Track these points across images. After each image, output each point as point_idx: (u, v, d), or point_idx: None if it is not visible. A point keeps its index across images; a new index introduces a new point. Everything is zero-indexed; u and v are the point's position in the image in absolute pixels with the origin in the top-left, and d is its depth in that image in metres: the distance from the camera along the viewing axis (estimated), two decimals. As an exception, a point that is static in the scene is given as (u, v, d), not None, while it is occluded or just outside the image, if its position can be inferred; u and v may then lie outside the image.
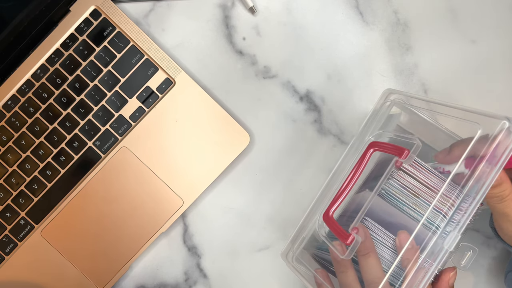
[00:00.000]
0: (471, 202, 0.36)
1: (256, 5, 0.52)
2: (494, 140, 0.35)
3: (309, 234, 0.45)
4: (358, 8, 0.52)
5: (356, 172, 0.40)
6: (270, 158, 0.52)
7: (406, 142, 0.39)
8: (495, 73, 0.51)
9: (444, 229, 0.37)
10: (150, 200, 0.51)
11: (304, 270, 0.44)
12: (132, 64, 0.51)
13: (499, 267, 0.51)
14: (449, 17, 0.52)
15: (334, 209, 0.40)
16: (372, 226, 0.39)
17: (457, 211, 0.37)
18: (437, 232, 0.36)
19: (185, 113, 0.51)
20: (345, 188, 0.40)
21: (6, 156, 0.51)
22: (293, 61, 0.52)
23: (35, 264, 0.51)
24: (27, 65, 0.51)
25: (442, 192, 0.36)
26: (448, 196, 0.37)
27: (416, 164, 0.39)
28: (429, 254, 0.36)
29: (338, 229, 0.38)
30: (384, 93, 0.45)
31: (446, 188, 0.37)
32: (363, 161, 0.40)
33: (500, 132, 0.35)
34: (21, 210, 0.51)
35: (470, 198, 0.36)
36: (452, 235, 0.36)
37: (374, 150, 0.40)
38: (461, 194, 0.36)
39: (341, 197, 0.40)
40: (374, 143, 0.41)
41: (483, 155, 0.35)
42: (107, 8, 0.51)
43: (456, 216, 0.37)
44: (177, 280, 0.52)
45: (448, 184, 0.36)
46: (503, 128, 0.35)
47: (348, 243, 0.36)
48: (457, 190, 0.37)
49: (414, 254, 0.36)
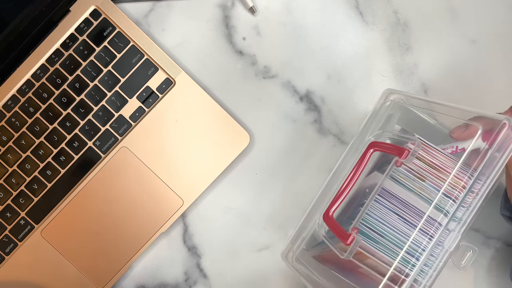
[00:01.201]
0: (486, 178, 0.35)
1: (256, 5, 0.52)
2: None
3: (309, 234, 0.45)
4: (358, 8, 0.52)
5: (356, 172, 0.40)
6: (270, 158, 0.52)
7: (405, 142, 0.39)
8: (495, 73, 0.51)
9: (455, 215, 0.36)
10: (150, 200, 0.51)
11: (304, 270, 0.43)
12: (132, 64, 0.51)
13: (499, 267, 0.51)
14: (449, 17, 0.52)
15: (334, 209, 0.40)
16: (382, 205, 0.39)
17: (469, 193, 0.36)
18: (447, 217, 0.36)
19: (185, 113, 0.51)
20: (345, 188, 0.40)
21: (6, 156, 0.51)
22: (293, 61, 0.52)
23: (35, 264, 0.51)
24: (27, 65, 0.51)
25: (455, 172, 0.36)
26: (460, 178, 0.36)
27: (427, 147, 0.39)
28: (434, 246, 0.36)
29: (338, 229, 0.38)
30: (384, 93, 0.45)
31: (459, 168, 0.36)
32: (363, 161, 0.40)
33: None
34: (21, 210, 0.51)
35: (485, 176, 0.35)
36: (453, 235, 0.36)
37: (374, 150, 0.40)
38: (474, 173, 0.36)
39: (341, 197, 0.40)
40: (374, 143, 0.41)
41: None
42: (107, 8, 0.51)
43: (468, 199, 0.36)
44: (177, 280, 0.52)
45: (461, 164, 0.36)
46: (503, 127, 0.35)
47: (348, 244, 0.36)
48: (470, 171, 0.36)
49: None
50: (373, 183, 0.41)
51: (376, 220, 0.39)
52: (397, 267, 0.37)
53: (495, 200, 0.51)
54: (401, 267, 0.37)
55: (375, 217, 0.39)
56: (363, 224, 0.39)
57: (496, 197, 0.51)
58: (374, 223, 0.39)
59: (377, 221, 0.39)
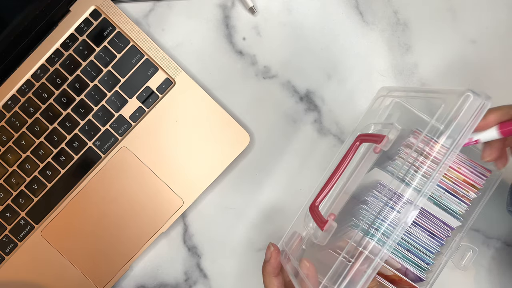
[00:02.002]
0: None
1: (256, 5, 0.52)
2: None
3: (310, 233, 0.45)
4: (358, 8, 0.52)
5: (342, 163, 0.40)
6: (270, 158, 0.52)
7: (387, 130, 0.39)
8: (495, 73, 0.51)
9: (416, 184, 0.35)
10: (150, 200, 0.51)
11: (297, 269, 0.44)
12: (132, 64, 0.51)
13: (499, 267, 0.51)
14: (449, 17, 0.52)
15: (320, 199, 0.40)
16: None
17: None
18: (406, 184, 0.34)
19: (185, 113, 0.51)
20: (331, 179, 0.41)
21: (6, 156, 0.51)
22: (293, 61, 0.52)
23: (35, 264, 0.51)
24: (27, 65, 0.51)
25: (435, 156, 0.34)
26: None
27: (427, 139, 0.39)
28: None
29: (318, 217, 0.39)
30: (379, 91, 0.45)
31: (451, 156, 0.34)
32: (349, 152, 0.41)
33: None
34: (21, 210, 0.51)
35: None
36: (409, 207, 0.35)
37: (361, 141, 0.41)
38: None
39: (327, 188, 0.40)
40: (361, 135, 0.41)
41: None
42: (107, 8, 0.51)
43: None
44: (177, 280, 0.52)
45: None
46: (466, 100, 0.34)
47: (324, 230, 0.37)
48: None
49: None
50: (374, 179, 0.41)
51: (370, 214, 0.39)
52: (357, 238, 0.36)
53: (495, 200, 0.51)
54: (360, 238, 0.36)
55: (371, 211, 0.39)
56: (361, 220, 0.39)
57: (496, 197, 0.51)
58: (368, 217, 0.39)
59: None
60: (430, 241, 0.40)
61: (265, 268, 0.42)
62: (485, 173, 0.41)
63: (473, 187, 0.41)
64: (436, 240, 0.40)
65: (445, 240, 0.41)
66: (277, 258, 0.42)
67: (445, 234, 0.41)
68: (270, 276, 0.42)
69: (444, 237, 0.41)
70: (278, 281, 0.42)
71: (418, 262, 0.40)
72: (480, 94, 0.33)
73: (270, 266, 0.42)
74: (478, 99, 0.33)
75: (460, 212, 0.41)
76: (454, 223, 0.41)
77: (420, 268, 0.40)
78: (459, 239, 0.41)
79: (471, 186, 0.41)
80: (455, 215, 0.41)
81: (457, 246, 0.42)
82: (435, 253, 0.40)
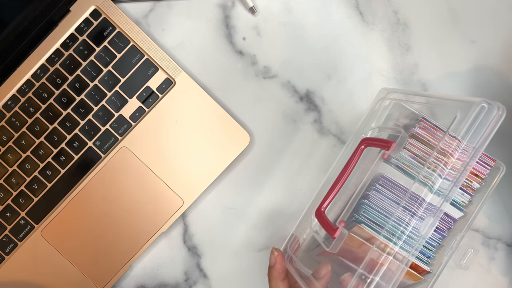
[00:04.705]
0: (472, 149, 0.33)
1: (256, 5, 0.52)
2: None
3: (310, 235, 0.45)
4: (358, 8, 0.52)
5: (347, 168, 0.40)
6: (270, 158, 0.52)
7: (395, 135, 0.39)
8: (494, 73, 0.51)
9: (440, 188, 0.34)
10: (150, 200, 0.51)
11: (303, 271, 0.43)
12: (132, 64, 0.51)
13: (499, 267, 0.51)
14: (449, 17, 0.52)
15: (326, 205, 0.40)
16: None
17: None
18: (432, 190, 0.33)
19: (185, 113, 0.51)
20: (336, 184, 0.40)
21: (6, 156, 0.51)
22: (293, 61, 0.52)
23: (35, 264, 0.51)
24: (27, 65, 0.51)
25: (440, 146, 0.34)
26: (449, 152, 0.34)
27: (430, 126, 0.39)
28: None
29: (326, 224, 0.38)
30: (380, 92, 0.45)
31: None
32: (354, 156, 0.40)
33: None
34: (21, 210, 0.51)
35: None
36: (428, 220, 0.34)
37: (366, 145, 0.41)
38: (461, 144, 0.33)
39: (333, 192, 0.40)
40: (366, 139, 0.41)
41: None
42: (107, 8, 0.51)
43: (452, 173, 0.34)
44: (177, 280, 0.52)
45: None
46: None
47: (334, 237, 0.37)
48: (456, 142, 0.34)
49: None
50: (376, 172, 0.41)
51: (372, 208, 0.39)
52: (382, 244, 0.35)
53: (495, 200, 0.51)
54: (385, 242, 0.35)
55: (374, 206, 0.39)
56: (363, 215, 0.39)
57: (496, 197, 0.51)
58: (370, 211, 0.39)
59: (373, 209, 0.39)
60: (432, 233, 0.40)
61: (271, 273, 0.43)
62: (490, 162, 0.41)
63: (476, 176, 0.41)
64: (437, 233, 0.40)
65: (446, 232, 0.41)
66: (282, 262, 0.43)
67: (447, 226, 0.41)
68: (276, 280, 0.42)
69: (445, 229, 0.41)
70: (284, 285, 0.42)
71: (419, 256, 0.40)
72: (494, 105, 0.33)
73: (275, 271, 0.42)
74: (493, 110, 0.32)
75: (463, 203, 0.41)
76: (456, 214, 0.40)
77: (422, 261, 0.40)
78: (459, 238, 0.41)
79: (475, 175, 0.41)
80: (458, 206, 0.41)
81: (457, 246, 0.42)
82: (436, 246, 0.40)
